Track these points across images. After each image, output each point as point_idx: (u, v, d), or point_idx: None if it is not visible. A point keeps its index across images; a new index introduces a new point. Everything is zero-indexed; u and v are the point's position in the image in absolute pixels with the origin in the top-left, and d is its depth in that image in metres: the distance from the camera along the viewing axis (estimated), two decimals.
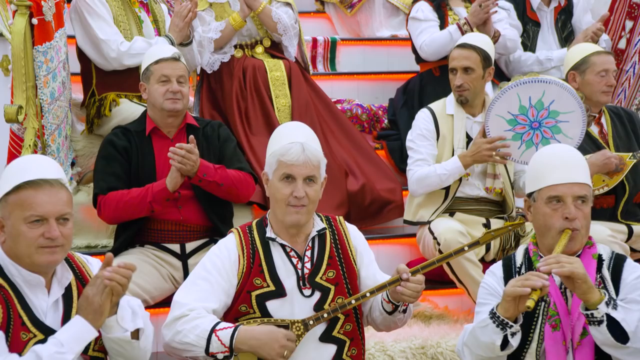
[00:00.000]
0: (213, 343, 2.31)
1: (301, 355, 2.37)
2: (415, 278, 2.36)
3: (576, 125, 3.33)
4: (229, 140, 3.28)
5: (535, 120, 3.37)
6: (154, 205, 3.03)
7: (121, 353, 2.15)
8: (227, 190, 3.12)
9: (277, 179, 2.39)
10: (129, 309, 2.16)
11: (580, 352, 2.21)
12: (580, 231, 2.27)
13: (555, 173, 2.30)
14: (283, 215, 2.40)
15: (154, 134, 3.18)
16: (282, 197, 2.38)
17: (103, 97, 3.67)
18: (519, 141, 3.39)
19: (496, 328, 2.17)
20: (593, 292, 2.12)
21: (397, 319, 2.47)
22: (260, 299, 2.39)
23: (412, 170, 3.52)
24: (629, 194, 3.56)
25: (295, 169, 2.38)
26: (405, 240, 3.84)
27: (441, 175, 3.43)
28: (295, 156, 2.37)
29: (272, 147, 2.44)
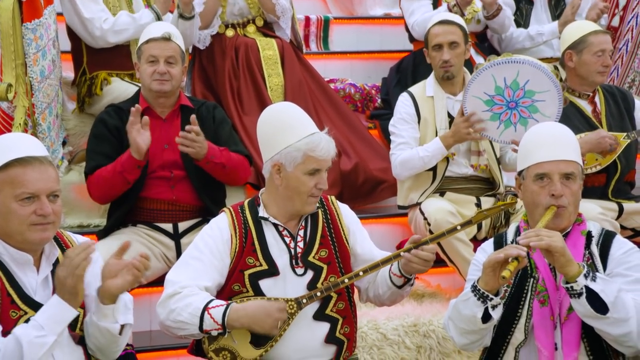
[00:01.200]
0: (206, 321, 2.33)
1: (295, 333, 2.39)
2: (428, 247, 2.37)
3: (552, 103, 3.34)
4: (225, 122, 3.28)
5: (512, 100, 3.38)
6: (126, 175, 3.01)
7: (99, 341, 2.16)
8: (229, 173, 3.14)
9: (302, 173, 2.37)
10: (122, 302, 2.16)
11: (567, 327, 2.24)
12: (567, 208, 2.29)
13: (542, 151, 2.31)
14: (302, 205, 2.40)
15: (147, 113, 3.17)
16: (306, 190, 2.38)
17: (94, 76, 3.66)
18: (497, 121, 3.40)
19: (477, 301, 2.19)
20: (571, 265, 2.15)
21: (404, 292, 2.49)
22: (253, 278, 2.40)
23: (395, 154, 3.54)
24: (621, 173, 3.58)
25: (323, 163, 2.39)
26: (397, 219, 3.86)
27: (424, 157, 3.45)
28: (326, 152, 2.37)
29: (287, 137, 2.38)
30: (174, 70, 3.16)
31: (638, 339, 2.16)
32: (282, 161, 2.41)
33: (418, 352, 3.19)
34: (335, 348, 2.43)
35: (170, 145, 3.13)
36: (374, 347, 3.15)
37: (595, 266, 2.29)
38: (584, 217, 2.37)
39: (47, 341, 2.01)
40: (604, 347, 2.25)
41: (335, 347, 2.43)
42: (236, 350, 2.38)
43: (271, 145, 2.43)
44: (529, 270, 2.33)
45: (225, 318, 2.33)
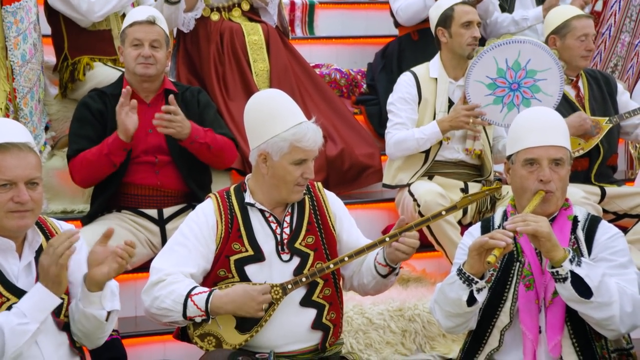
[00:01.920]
0: (189, 308, 2.32)
1: (282, 319, 2.38)
2: (412, 234, 2.38)
3: (554, 82, 3.35)
4: (209, 106, 3.25)
5: (514, 81, 3.38)
6: (112, 157, 2.99)
7: (85, 327, 2.15)
8: (216, 154, 3.11)
9: (289, 162, 2.36)
10: (109, 289, 2.15)
11: (552, 310, 2.26)
12: (554, 193, 2.29)
13: (532, 136, 2.31)
14: (289, 194, 2.40)
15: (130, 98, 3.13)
16: (292, 179, 2.37)
17: (76, 61, 3.61)
18: (500, 104, 3.41)
19: (462, 284, 2.20)
20: (557, 250, 2.16)
21: (389, 281, 2.49)
22: (238, 264, 2.39)
23: (391, 133, 3.53)
24: (603, 157, 3.61)
25: (311, 154, 2.38)
26: (383, 204, 3.86)
27: (419, 139, 3.46)
28: (313, 142, 2.36)
29: (274, 127, 2.36)
30: (159, 54, 3.12)
31: (621, 322, 2.18)
32: (268, 150, 2.39)
33: (403, 336, 3.21)
34: (322, 334, 2.43)
35: (154, 130, 3.08)
36: (360, 332, 3.15)
37: (581, 251, 2.31)
38: (570, 202, 2.39)
39: (29, 329, 2.00)
40: (587, 331, 2.27)
41: (322, 332, 2.43)
42: (221, 335, 2.38)
43: (258, 134, 2.42)
44: (515, 254, 2.34)
45: (208, 305, 2.32)
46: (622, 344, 2.34)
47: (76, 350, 2.20)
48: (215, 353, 2.33)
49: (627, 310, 2.18)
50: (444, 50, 3.57)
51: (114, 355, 2.80)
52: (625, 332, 2.25)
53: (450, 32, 3.52)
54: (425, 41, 3.77)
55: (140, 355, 2.87)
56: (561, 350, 2.24)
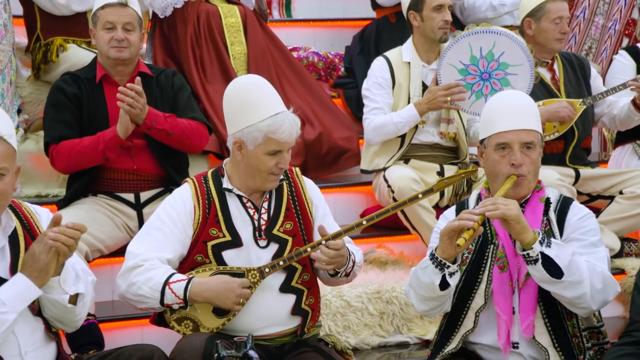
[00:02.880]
0: (167, 295, 2.32)
1: (262, 306, 2.39)
2: (334, 243, 2.35)
3: (524, 79, 3.38)
4: (183, 89, 3.23)
5: (486, 71, 3.41)
6: (107, 153, 2.99)
7: (55, 314, 2.14)
8: (178, 140, 3.09)
9: (263, 153, 2.35)
10: (73, 272, 2.13)
11: (525, 292, 2.29)
12: (526, 177, 2.31)
13: (503, 120, 2.33)
14: (263, 182, 2.40)
15: (105, 81, 3.11)
16: (266, 169, 2.37)
17: (49, 42, 3.56)
18: (469, 92, 3.43)
19: (435, 268, 2.23)
20: (527, 232, 2.18)
21: (339, 280, 2.49)
22: (216, 249, 2.38)
23: (369, 119, 3.54)
24: (578, 139, 3.65)
25: (286, 145, 2.37)
26: (361, 188, 3.87)
27: (397, 123, 3.47)
28: (288, 134, 2.34)
29: (249, 116, 2.35)
30: (132, 37, 3.09)
31: (592, 299, 2.22)
32: (243, 139, 2.38)
33: (381, 318, 3.23)
34: (301, 318, 2.45)
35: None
36: (338, 314, 3.17)
37: (553, 232, 2.34)
38: (543, 184, 2.42)
39: (8, 318, 1.99)
40: (559, 310, 2.32)
41: (301, 317, 2.44)
42: (198, 319, 2.38)
43: (234, 121, 2.41)
44: (489, 237, 2.37)
45: (187, 293, 2.32)
46: (593, 322, 2.39)
47: (52, 335, 2.19)
48: (193, 337, 2.32)
49: (597, 287, 2.22)
50: (416, 34, 3.58)
51: (91, 339, 2.80)
52: (597, 309, 2.30)
53: (421, 15, 3.53)
54: (402, 24, 3.77)
55: (118, 340, 2.86)
56: (534, 330, 2.28)
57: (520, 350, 2.31)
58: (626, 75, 3.73)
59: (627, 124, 3.70)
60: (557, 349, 2.27)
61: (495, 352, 2.33)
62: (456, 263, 2.24)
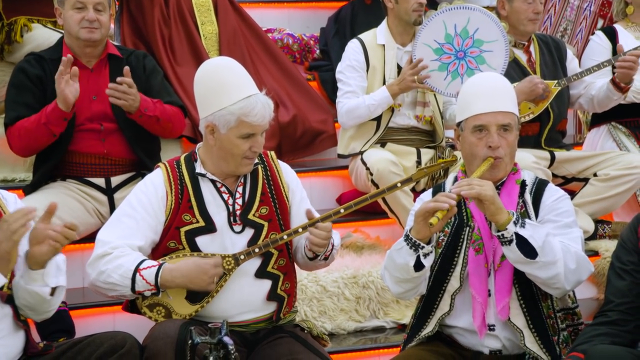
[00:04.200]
0: (138, 282, 2.31)
1: (237, 291, 2.39)
2: (324, 225, 2.36)
3: (499, 55, 3.40)
4: (156, 71, 3.19)
5: (461, 49, 3.42)
6: (51, 127, 2.92)
7: (29, 303, 2.12)
8: (164, 126, 3.08)
9: (235, 136, 2.34)
10: (54, 264, 2.12)
11: (500, 273, 2.32)
12: (503, 159, 2.34)
13: (480, 102, 2.34)
14: (237, 167, 2.38)
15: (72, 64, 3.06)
16: (240, 152, 2.36)
17: (12, 22, 3.50)
18: (444, 72, 3.44)
19: (410, 250, 2.24)
20: (501, 213, 2.20)
21: (318, 264, 2.50)
22: (189, 235, 2.38)
23: (342, 102, 3.54)
24: (553, 121, 3.69)
25: (258, 128, 2.36)
26: (338, 172, 3.87)
27: (370, 105, 3.47)
28: (261, 117, 2.33)
29: (221, 100, 2.34)
30: (103, 17, 3.04)
31: (565, 280, 2.26)
32: (215, 123, 2.37)
33: (357, 303, 3.25)
34: (276, 304, 2.45)
35: (99, 97, 3.03)
36: (314, 299, 3.18)
37: (528, 213, 2.37)
38: (519, 166, 2.44)
39: None
40: (534, 292, 2.35)
41: (276, 303, 2.45)
42: (171, 306, 2.38)
43: (206, 105, 2.39)
44: (465, 219, 2.39)
45: (158, 279, 2.31)
46: (568, 303, 2.43)
47: (20, 324, 2.18)
48: (167, 324, 2.32)
49: (570, 267, 2.26)
50: (390, 16, 3.57)
51: (61, 327, 2.79)
52: (571, 289, 2.34)
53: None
54: (378, 5, 3.75)
55: (89, 327, 2.84)
56: (509, 312, 2.31)
57: (496, 332, 2.34)
58: (602, 56, 3.76)
59: (606, 105, 3.73)
60: (532, 330, 2.30)
61: (471, 334, 2.36)
62: (430, 244, 2.26)
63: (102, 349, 2.20)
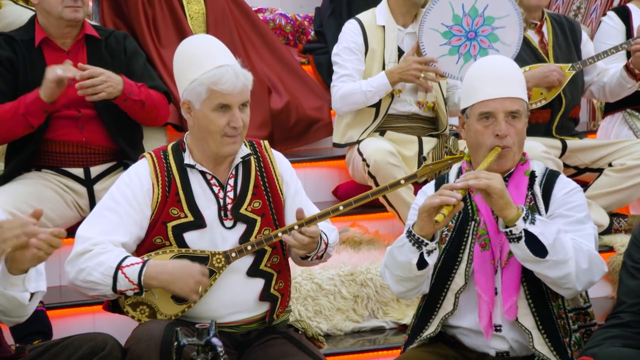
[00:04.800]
0: (120, 281, 2.30)
1: (226, 290, 2.37)
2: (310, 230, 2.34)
3: (513, 30, 3.37)
4: (138, 54, 3.17)
5: (471, 29, 3.40)
6: (30, 118, 2.90)
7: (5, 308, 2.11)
8: (149, 112, 3.06)
9: (209, 109, 2.33)
10: (34, 269, 2.11)
11: (508, 271, 2.30)
12: (511, 148, 2.32)
13: (487, 88, 2.33)
14: (218, 147, 2.36)
15: (45, 45, 3.02)
16: (217, 129, 2.34)
17: None
18: (456, 55, 3.42)
19: (412, 247, 2.23)
20: (510, 208, 2.19)
21: (311, 263, 2.50)
22: (177, 231, 2.36)
23: (337, 86, 3.52)
24: (565, 108, 3.68)
25: (231, 98, 2.33)
26: (334, 162, 3.87)
27: (366, 92, 3.44)
28: (232, 85, 2.32)
29: (193, 71, 2.35)
30: None
31: (577, 280, 2.25)
32: (189, 98, 2.37)
33: (355, 301, 3.25)
34: (269, 304, 2.44)
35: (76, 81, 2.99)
36: (309, 298, 3.18)
37: (537, 207, 2.36)
38: (527, 156, 2.43)
39: None
40: (544, 291, 2.34)
41: (269, 303, 2.44)
42: (156, 305, 2.37)
43: (181, 82, 2.40)
44: (470, 213, 2.38)
45: (141, 277, 2.30)
46: (580, 303, 2.42)
47: None
48: (151, 324, 2.31)
49: (582, 266, 2.24)
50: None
51: (38, 329, 2.77)
52: (582, 290, 2.33)
53: None
54: None
55: (67, 328, 2.84)
56: (517, 312, 2.30)
57: (503, 333, 2.33)
58: (615, 39, 3.75)
59: (618, 94, 3.72)
60: (541, 331, 2.30)
61: (476, 335, 2.35)
62: (434, 240, 2.25)
63: (80, 352, 2.18)
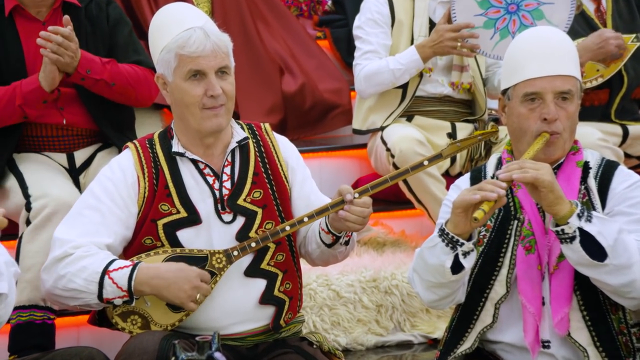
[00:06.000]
0: (107, 287, 2.28)
1: (224, 293, 2.37)
2: (361, 200, 2.34)
3: (562, 7, 3.36)
4: (122, 22, 3.16)
5: (513, 2, 3.40)
6: (27, 109, 2.92)
7: None
8: (121, 92, 3.04)
9: (182, 79, 2.35)
10: None
11: (557, 278, 2.27)
12: (561, 135, 2.30)
13: (533, 64, 2.30)
14: (198, 122, 2.36)
15: (17, 15, 3.02)
16: (193, 101, 2.34)
17: None
18: (491, 29, 3.41)
19: (445, 247, 2.21)
20: (562, 203, 2.16)
21: (337, 252, 2.48)
22: (169, 229, 2.36)
23: (360, 64, 3.53)
24: (627, 88, 3.65)
25: (203, 62, 2.33)
26: (354, 152, 3.90)
27: (395, 70, 3.46)
28: (200, 45, 2.32)
29: (162, 40, 2.37)
30: None
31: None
32: (161, 71, 2.39)
33: (378, 312, 3.26)
34: (274, 309, 2.42)
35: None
36: (325, 307, 3.20)
37: (592, 203, 2.33)
38: (580, 144, 2.40)
39: None
40: (601, 301, 2.30)
41: (274, 308, 2.42)
42: (149, 314, 2.35)
43: (153, 54, 2.43)
44: (512, 210, 2.35)
45: (132, 282, 2.28)
46: None
47: None
48: (144, 337, 2.29)
49: None
50: None
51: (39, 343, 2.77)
52: None
53: None
54: None
55: None
56: (569, 326, 2.28)
57: (552, 350, 2.31)
58: None
59: None
60: (598, 348, 2.27)
61: (520, 352, 2.33)
62: (472, 240, 2.23)
63: None
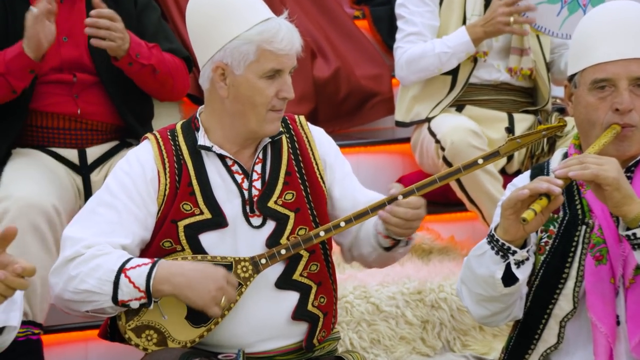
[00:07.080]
0: (122, 287, 2.29)
1: (250, 306, 2.38)
2: (405, 201, 2.34)
3: None
4: (150, 7, 3.22)
5: None
6: (11, 79, 2.93)
7: None
8: (162, 81, 3.10)
9: (257, 75, 2.36)
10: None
11: (635, 293, 2.24)
12: (637, 128, 2.26)
13: (604, 46, 2.27)
14: (260, 124, 2.38)
15: None
16: (265, 101, 2.37)
17: None
18: (558, 3, 3.39)
19: (495, 256, 2.19)
20: (631, 203, 2.11)
21: (397, 253, 2.51)
22: (190, 231, 2.38)
23: (402, 47, 3.55)
24: None
25: (286, 61, 2.37)
26: (396, 147, 3.91)
27: (441, 54, 3.47)
28: (289, 43, 2.35)
29: (231, 26, 2.36)
30: None
31: None
32: (227, 61, 2.37)
33: (424, 328, 3.27)
34: (307, 326, 2.43)
35: (71, 38, 3.05)
36: (363, 323, 3.20)
37: None
38: None
39: None
40: None
41: (307, 324, 2.43)
42: (166, 328, 2.36)
43: (210, 40, 2.40)
44: (580, 214, 2.33)
45: (150, 280, 2.29)
46: None
47: None
48: (160, 355, 2.31)
49: None
50: None
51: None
52: None
53: None
54: None
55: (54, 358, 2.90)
56: None
57: None
58: None
59: None
60: None
61: None
62: (526, 247, 2.20)
63: None
